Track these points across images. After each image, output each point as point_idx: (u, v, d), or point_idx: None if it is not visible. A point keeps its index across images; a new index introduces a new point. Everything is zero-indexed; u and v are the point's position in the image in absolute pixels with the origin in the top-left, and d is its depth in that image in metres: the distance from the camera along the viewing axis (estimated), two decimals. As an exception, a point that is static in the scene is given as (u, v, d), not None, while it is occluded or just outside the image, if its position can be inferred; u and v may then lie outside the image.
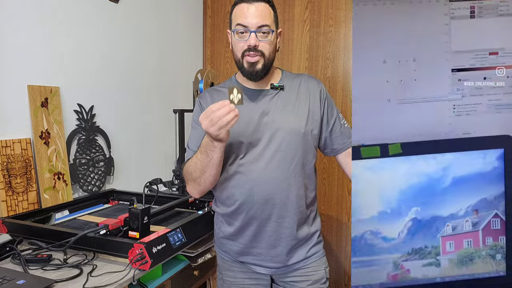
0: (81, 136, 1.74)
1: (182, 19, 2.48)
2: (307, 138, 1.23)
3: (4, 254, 1.20)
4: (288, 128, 1.20)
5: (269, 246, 1.24)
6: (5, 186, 1.39)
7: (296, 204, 1.22)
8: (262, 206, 1.20)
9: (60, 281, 1.05)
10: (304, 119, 1.23)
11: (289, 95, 1.25)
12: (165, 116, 2.29)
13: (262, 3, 1.18)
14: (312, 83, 1.29)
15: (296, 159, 1.21)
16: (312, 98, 1.26)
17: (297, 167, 1.21)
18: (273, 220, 1.22)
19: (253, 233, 1.24)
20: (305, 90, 1.27)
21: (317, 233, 1.31)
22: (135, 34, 2.06)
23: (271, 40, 1.20)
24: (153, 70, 2.21)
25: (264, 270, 1.28)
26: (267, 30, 1.18)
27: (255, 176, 1.20)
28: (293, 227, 1.23)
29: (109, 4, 1.88)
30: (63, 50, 1.65)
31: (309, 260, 1.29)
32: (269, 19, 1.19)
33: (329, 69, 2.38)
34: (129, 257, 1.14)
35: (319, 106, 1.26)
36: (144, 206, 1.30)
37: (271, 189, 1.19)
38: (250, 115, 1.22)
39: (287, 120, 1.21)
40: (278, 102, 1.24)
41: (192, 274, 1.56)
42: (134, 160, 2.08)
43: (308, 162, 1.25)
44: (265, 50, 1.19)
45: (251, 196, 1.20)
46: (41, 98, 1.54)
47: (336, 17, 2.35)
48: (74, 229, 1.35)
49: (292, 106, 1.24)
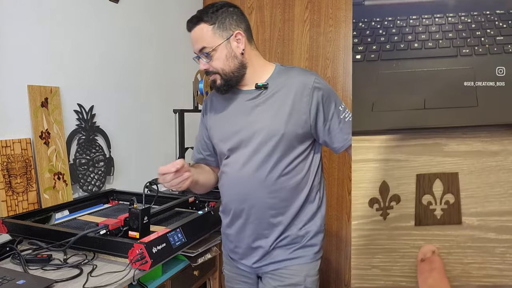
0: (81, 136, 1.74)
1: (182, 19, 2.47)
2: (289, 138, 1.17)
3: (4, 254, 1.20)
4: (267, 129, 1.17)
5: (248, 246, 1.24)
6: (5, 186, 1.39)
7: (275, 205, 1.19)
8: (240, 206, 1.22)
9: (60, 281, 1.05)
10: (284, 120, 1.16)
11: (272, 94, 1.20)
12: (165, 116, 2.28)
13: (197, 26, 1.17)
14: (301, 78, 1.19)
15: (273, 160, 1.17)
16: (298, 96, 1.17)
17: (276, 169, 1.17)
18: (251, 220, 1.21)
19: (236, 231, 1.26)
20: (291, 87, 1.18)
21: (307, 236, 1.23)
22: (135, 34, 2.06)
23: (217, 57, 1.17)
24: (153, 70, 2.21)
25: (246, 268, 1.29)
26: (207, 51, 1.17)
27: (233, 176, 1.22)
28: (271, 229, 1.21)
29: (108, 4, 1.88)
30: (63, 50, 1.65)
31: (289, 263, 1.22)
32: (205, 39, 1.16)
33: (329, 69, 2.38)
34: (129, 257, 1.14)
35: (307, 104, 1.17)
36: (144, 206, 1.30)
37: (247, 191, 1.19)
38: (237, 116, 1.23)
39: (267, 121, 1.18)
40: (260, 102, 1.20)
41: (192, 274, 1.56)
42: (134, 160, 2.08)
43: (292, 164, 1.19)
44: (216, 67, 1.18)
45: (232, 196, 1.24)
46: (41, 98, 1.54)
47: (336, 17, 2.35)
48: (74, 229, 1.34)
49: (274, 106, 1.18)
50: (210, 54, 1.17)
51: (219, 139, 1.25)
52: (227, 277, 1.38)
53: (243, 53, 1.19)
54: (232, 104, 1.24)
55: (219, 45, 1.16)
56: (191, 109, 2.22)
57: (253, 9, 2.52)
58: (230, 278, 1.36)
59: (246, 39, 1.20)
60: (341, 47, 2.35)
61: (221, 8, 1.17)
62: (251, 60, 1.22)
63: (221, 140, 1.25)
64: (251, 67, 1.21)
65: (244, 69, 1.20)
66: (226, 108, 1.25)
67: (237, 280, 1.34)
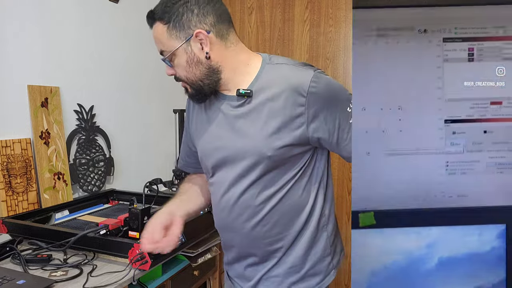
0: (81, 136, 1.74)
1: (182, 19, 2.48)
2: (278, 160, 0.96)
3: (4, 254, 1.20)
4: (252, 151, 0.95)
5: (242, 272, 1.09)
6: (5, 186, 1.39)
7: (268, 233, 1.00)
8: (228, 236, 1.07)
9: (60, 281, 1.05)
10: (271, 139, 0.94)
11: (256, 106, 0.96)
12: (165, 116, 2.28)
13: (154, 25, 0.96)
14: (294, 80, 0.94)
15: (261, 185, 0.97)
16: (289, 105, 0.93)
17: (265, 193, 0.98)
18: (242, 250, 1.06)
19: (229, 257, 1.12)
20: (281, 92, 0.94)
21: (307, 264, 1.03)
22: (135, 34, 2.06)
23: (178, 62, 0.97)
24: (153, 70, 2.21)
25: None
26: (166, 56, 0.97)
27: (218, 201, 1.04)
28: (268, 257, 1.03)
29: (109, 4, 1.88)
30: (63, 50, 1.65)
31: None
32: (161, 41, 0.96)
33: (329, 69, 2.38)
34: (129, 257, 1.14)
35: (303, 115, 0.94)
36: (144, 206, 1.30)
37: (233, 219, 1.02)
38: (216, 126, 1.02)
39: (252, 139, 0.96)
40: (244, 113, 0.97)
41: (192, 274, 1.56)
42: (134, 160, 2.08)
43: (285, 186, 0.99)
44: (180, 74, 0.98)
45: (218, 223, 1.09)
46: (41, 98, 1.54)
47: (336, 17, 2.35)
48: (74, 229, 1.34)
49: (259, 119, 0.95)
50: (168, 59, 0.98)
51: (201, 153, 1.07)
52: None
53: (209, 56, 0.94)
54: (214, 111, 1.03)
55: (176, 49, 0.95)
56: (191, 109, 2.22)
57: (253, 9, 2.52)
58: None
59: (217, 35, 0.94)
60: (341, 47, 2.35)
61: (179, 1, 0.92)
62: (225, 61, 0.97)
63: (204, 155, 1.06)
64: (227, 69, 0.97)
65: (217, 74, 0.97)
66: (208, 114, 1.05)
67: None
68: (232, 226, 1.03)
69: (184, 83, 1.00)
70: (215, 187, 1.05)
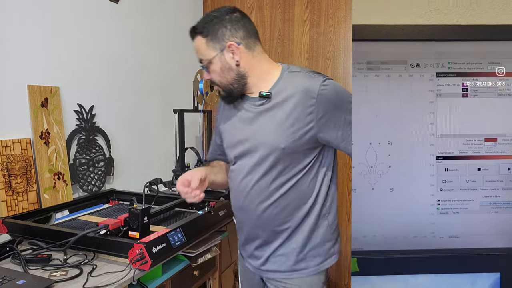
0: (81, 136, 1.74)
1: (182, 19, 2.48)
2: (290, 152, 1.14)
3: (4, 254, 1.20)
4: (268, 143, 1.14)
5: (252, 251, 1.28)
6: (5, 186, 1.39)
7: (277, 216, 1.18)
8: (243, 215, 1.26)
9: (60, 281, 1.05)
10: (285, 133, 1.13)
11: (275, 104, 1.15)
12: (165, 116, 2.28)
13: (196, 38, 1.17)
14: (306, 85, 1.13)
15: (275, 173, 1.16)
16: (301, 106, 1.12)
17: (278, 181, 1.16)
18: (254, 229, 1.23)
19: (242, 236, 1.30)
20: (295, 96, 1.13)
21: (308, 247, 1.20)
22: (135, 34, 2.06)
23: (213, 68, 1.16)
24: (153, 70, 2.21)
25: (251, 267, 1.31)
26: (205, 63, 1.17)
27: (236, 185, 1.24)
28: (275, 237, 1.21)
29: (109, 4, 1.88)
30: (63, 50, 1.65)
31: (290, 275, 1.21)
32: (201, 51, 1.16)
33: (329, 69, 2.38)
34: (129, 257, 1.14)
35: (313, 114, 1.11)
36: (144, 206, 1.30)
37: (250, 201, 1.20)
38: (241, 124, 1.22)
39: (269, 133, 1.15)
40: (263, 111, 1.17)
41: (192, 274, 1.56)
42: (134, 160, 2.08)
43: (296, 176, 1.16)
44: (215, 79, 1.19)
45: (235, 204, 1.28)
46: (41, 98, 1.54)
47: (336, 17, 2.35)
48: (74, 229, 1.34)
49: (276, 117, 1.15)
50: (206, 66, 1.17)
51: (227, 146, 1.28)
52: (239, 271, 1.43)
53: (239, 64, 1.15)
54: (239, 110, 1.23)
55: (213, 58, 1.15)
56: (191, 109, 2.22)
57: (253, 9, 2.52)
58: (241, 273, 1.42)
59: (245, 47, 1.15)
60: (341, 47, 2.35)
61: (215, 19, 1.14)
62: (252, 68, 1.17)
63: (228, 147, 1.27)
64: (253, 75, 1.17)
65: (244, 79, 1.17)
66: (234, 114, 1.25)
67: (245, 277, 1.38)
68: (247, 207, 1.21)
69: (218, 87, 1.21)
70: (235, 173, 1.24)
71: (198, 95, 2.17)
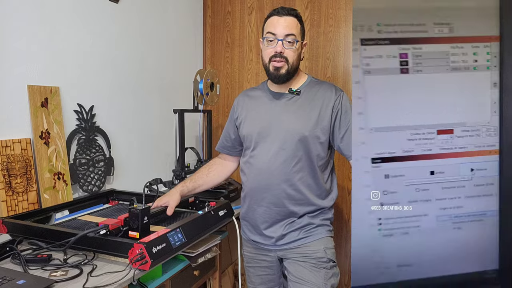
0: (81, 136, 1.74)
1: (182, 19, 2.48)
2: (311, 141, 1.39)
3: (4, 254, 1.20)
4: (293, 130, 1.38)
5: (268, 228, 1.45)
6: (5, 186, 1.39)
7: (294, 196, 1.41)
8: (262, 195, 1.43)
9: (60, 281, 1.05)
10: (310, 125, 1.38)
11: (303, 101, 1.42)
12: (165, 116, 2.29)
13: (291, 17, 1.37)
14: (329, 92, 1.42)
15: (296, 158, 1.39)
16: (324, 106, 1.40)
17: (297, 165, 1.39)
18: (271, 207, 1.43)
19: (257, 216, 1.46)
20: (320, 98, 1.42)
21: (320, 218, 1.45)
22: (135, 34, 2.06)
23: (296, 48, 1.38)
24: (153, 70, 2.21)
25: (267, 246, 1.48)
26: (293, 40, 1.36)
27: (259, 167, 1.43)
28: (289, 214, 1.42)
29: (109, 4, 1.88)
30: (63, 50, 1.65)
31: (307, 240, 1.43)
32: (295, 30, 1.37)
33: (329, 69, 2.38)
34: (129, 257, 1.14)
35: (330, 115, 1.40)
36: (144, 206, 1.30)
37: (272, 181, 1.41)
38: (267, 114, 1.45)
39: (295, 123, 1.39)
40: (291, 106, 1.42)
41: (192, 274, 1.56)
42: (134, 160, 2.08)
43: (311, 163, 1.41)
44: (290, 57, 1.37)
45: (255, 184, 1.45)
46: (41, 98, 1.54)
47: (336, 17, 2.35)
48: (74, 229, 1.34)
49: (303, 111, 1.40)
50: (291, 42, 1.36)
51: (248, 132, 1.47)
52: (246, 258, 1.57)
53: (302, 57, 1.45)
54: (265, 103, 1.47)
55: (299, 42, 1.39)
56: (191, 109, 2.22)
57: (253, 9, 2.52)
58: (249, 259, 1.56)
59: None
60: (341, 47, 2.35)
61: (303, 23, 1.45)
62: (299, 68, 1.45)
63: (250, 133, 1.46)
64: (297, 73, 1.45)
65: (296, 71, 1.44)
66: (259, 106, 1.48)
67: (257, 260, 1.53)
68: (269, 187, 1.42)
69: (283, 63, 1.38)
70: (257, 157, 1.45)
71: (198, 95, 2.17)
